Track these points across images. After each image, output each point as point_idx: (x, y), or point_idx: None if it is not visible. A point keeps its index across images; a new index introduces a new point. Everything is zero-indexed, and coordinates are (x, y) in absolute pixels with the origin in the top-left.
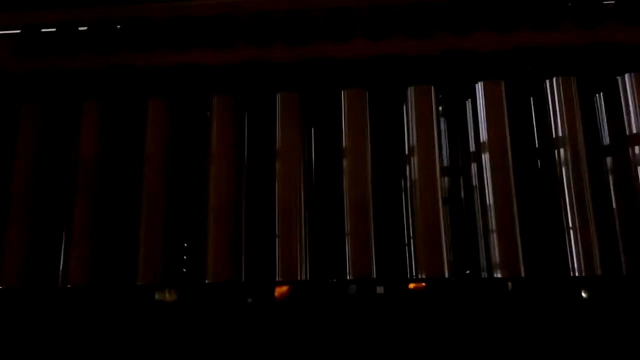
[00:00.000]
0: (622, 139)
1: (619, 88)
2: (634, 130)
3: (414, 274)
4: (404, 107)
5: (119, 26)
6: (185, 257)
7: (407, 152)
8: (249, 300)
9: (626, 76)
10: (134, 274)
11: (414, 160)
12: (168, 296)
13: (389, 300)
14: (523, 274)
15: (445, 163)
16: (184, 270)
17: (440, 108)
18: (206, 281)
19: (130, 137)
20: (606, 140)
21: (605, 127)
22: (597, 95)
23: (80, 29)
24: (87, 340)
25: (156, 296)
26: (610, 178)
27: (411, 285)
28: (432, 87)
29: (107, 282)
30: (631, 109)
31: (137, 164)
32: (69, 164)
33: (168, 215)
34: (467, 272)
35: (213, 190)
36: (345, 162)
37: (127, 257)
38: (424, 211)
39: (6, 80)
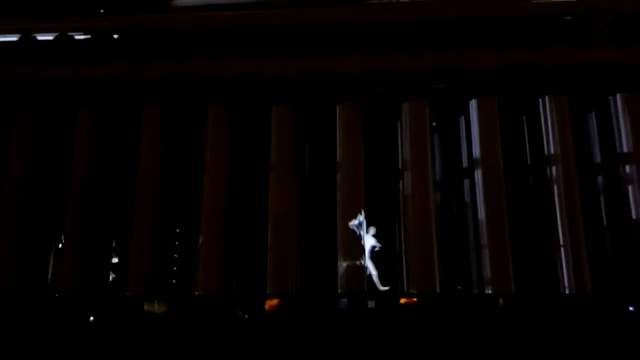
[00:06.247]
0: (613, 157)
1: (610, 107)
2: (625, 149)
3: (405, 288)
4: (398, 122)
5: (115, 36)
6: (175, 269)
7: (400, 167)
8: (239, 312)
9: (618, 96)
10: (123, 284)
11: (407, 175)
12: (157, 307)
13: (380, 315)
14: (514, 290)
15: (438, 178)
16: (174, 281)
17: (433, 124)
18: (196, 293)
19: (124, 146)
20: (598, 158)
21: (597, 145)
22: (589, 114)
23: (77, 38)
24: (74, 350)
25: (145, 307)
26: (602, 196)
27: (402, 300)
28: (427, 103)
29: (96, 292)
30: (622, 128)
31: (130, 173)
32: (61, 173)
33: (159, 226)
34: (459, 287)
35: (206, 201)
36: (339, 176)
37: (117, 267)
38: (416, 226)
39: (2, 87)
